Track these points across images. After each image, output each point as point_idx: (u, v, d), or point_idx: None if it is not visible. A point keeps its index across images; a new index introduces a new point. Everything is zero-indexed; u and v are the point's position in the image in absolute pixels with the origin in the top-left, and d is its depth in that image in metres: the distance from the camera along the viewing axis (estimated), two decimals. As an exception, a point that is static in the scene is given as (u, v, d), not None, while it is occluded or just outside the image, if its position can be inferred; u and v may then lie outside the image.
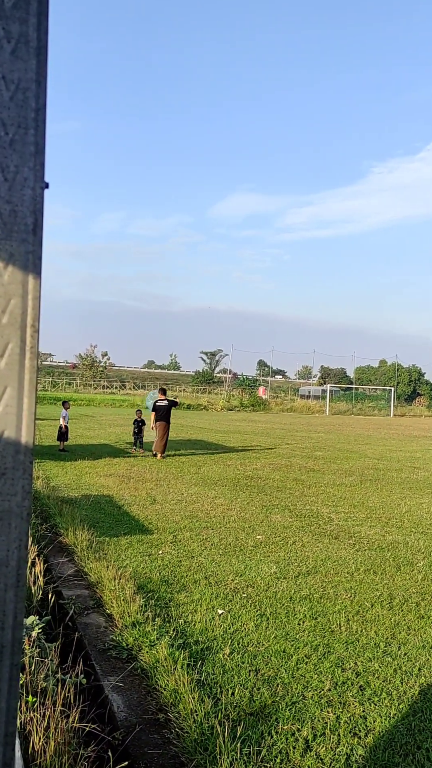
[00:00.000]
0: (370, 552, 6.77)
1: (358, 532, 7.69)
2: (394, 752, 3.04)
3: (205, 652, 4.02)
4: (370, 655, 4.11)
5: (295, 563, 6.17)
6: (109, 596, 4.80)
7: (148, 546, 6.54)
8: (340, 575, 5.85)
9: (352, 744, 3.09)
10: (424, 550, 6.99)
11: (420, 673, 3.89)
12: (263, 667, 3.85)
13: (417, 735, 3.20)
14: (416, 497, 10.61)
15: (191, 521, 7.81)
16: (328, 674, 3.81)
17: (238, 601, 5.00)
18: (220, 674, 3.73)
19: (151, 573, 5.62)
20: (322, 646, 4.20)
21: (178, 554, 6.28)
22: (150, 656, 3.84)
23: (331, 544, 7.02)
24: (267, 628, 4.46)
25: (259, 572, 5.80)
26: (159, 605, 4.79)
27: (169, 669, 3.64)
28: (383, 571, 6.04)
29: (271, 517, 8.36)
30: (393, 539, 7.42)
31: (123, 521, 7.64)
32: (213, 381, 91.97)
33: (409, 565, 6.33)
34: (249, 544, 6.81)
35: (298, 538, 7.24)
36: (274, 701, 3.45)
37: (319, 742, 3.09)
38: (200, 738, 3.03)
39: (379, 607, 5.03)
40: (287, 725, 3.22)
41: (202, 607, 4.81)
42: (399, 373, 79.17)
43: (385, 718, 3.34)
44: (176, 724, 3.17)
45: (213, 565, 5.95)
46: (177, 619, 4.54)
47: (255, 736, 3.09)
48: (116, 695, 3.50)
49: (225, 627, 4.44)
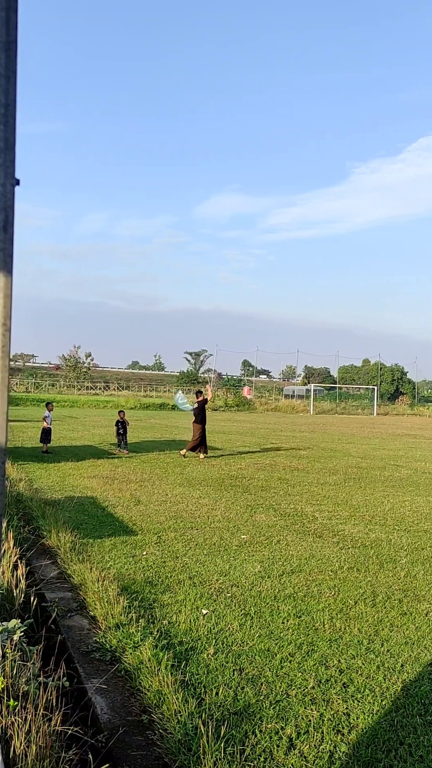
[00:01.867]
0: (353, 550, 6.81)
1: (341, 531, 7.73)
2: (377, 748, 3.06)
3: (190, 653, 4.02)
4: (354, 652, 4.13)
5: (279, 562, 6.19)
6: (93, 598, 4.77)
7: (132, 547, 6.52)
8: (324, 573, 5.87)
9: (335, 741, 3.10)
10: (407, 547, 7.04)
11: (402, 670, 3.92)
12: (247, 667, 3.86)
13: (399, 731, 3.22)
14: (399, 495, 10.69)
15: (176, 522, 7.79)
16: (312, 672, 3.82)
17: (222, 600, 5.00)
18: (204, 674, 3.73)
19: (135, 574, 5.60)
20: (306, 644, 4.21)
21: (162, 555, 6.26)
22: (134, 658, 3.82)
23: (315, 543, 7.05)
24: (251, 627, 4.46)
25: (243, 572, 5.81)
26: (143, 606, 4.77)
27: (153, 670, 3.63)
28: (366, 569, 6.08)
29: (255, 516, 8.37)
30: (376, 537, 7.46)
31: (107, 523, 7.60)
32: (197, 381, 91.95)
33: (392, 562, 6.37)
34: (233, 544, 6.82)
35: (283, 537, 7.26)
36: (258, 700, 3.45)
37: (303, 740, 3.10)
38: (184, 738, 3.02)
39: (362, 604, 5.06)
40: (271, 724, 3.22)
41: (186, 607, 4.80)
42: (382, 372, 79.72)
43: (368, 715, 3.36)
44: (160, 725, 3.16)
45: (197, 566, 5.94)
46: (161, 620, 4.53)
47: (239, 736, 3.09)
48: (99, 697, 3.48)
49: (209, 627, 4.44)
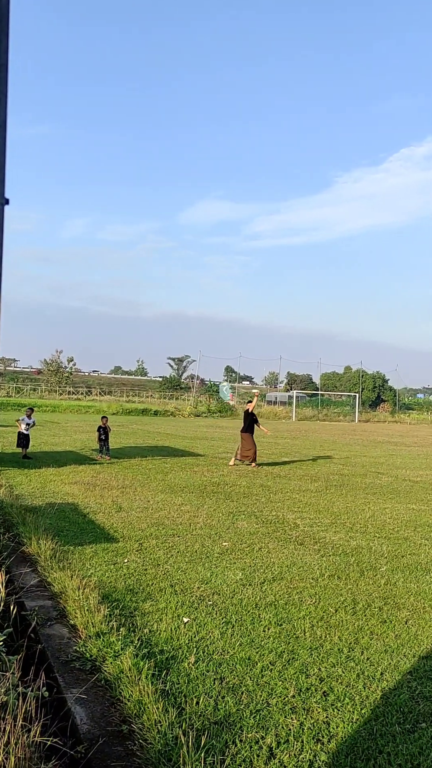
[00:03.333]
0: (334, 557, 6.85)
1: (323, 538, 7.77)
2: (356, 757, 3.07)
3: (170, 662, 4.01)
4: (334, 660, 4.15)
5: (260, 570, 6.20)
6: (73, 606, 4.74)
7: (114, 554, 6.49)
8: (305, 581, 5.89)
9: (315, 750, 3.11)
10: (387, 554, 7.09)
11: (382, 678, 3.94)
12: (228, 675, 3.85)
13: (378, 739, 3.24)
14: (380, 502, 10.77)
15: (157, 529, 7.77)
16: (293, 681, 3.83)
17: (203, 608, 4.99)
18: (184, 683, 3.72)
19: (116, 582, 5.57)
20: (287, 653, 4.22)
21: (143, 562, 6.24)
22: (114, 667, 3.80)
23: (296, 550, 7.07)
24: (232, 636, 4.46)
25: (225, 579, 5.81)
26: (124, 615, 4.75)
27: (134, 679, 3.61)
28: (347, 577, 6.11)
29: (237, 523, 8.38)
30: (357, 544, 7.51)
31: (88, 530, 7.56)
32: (180, 387, 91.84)
33: (373, 570, 6.42)
34: (215, 551, 6.82)
35: (264, 544, 7.28)
36: (238, 709, 3.45)
37: (283, 750, 3.10)
38: (164, 749, 3.01)
39: (342, 612, 5.09)
40: (251, 733, 3.22)
41: (167, 615, 4.79)
42: (363, 379, 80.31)
43: (347, 724, 3.37)
44: (140, 736, 3.15)
45: (179, 573, 5.93)
46: (142, 629, 4.51)
47: (219, 745, 3.09)
48: (79, 707, 3.46)
49: (190, 635, 4.43)
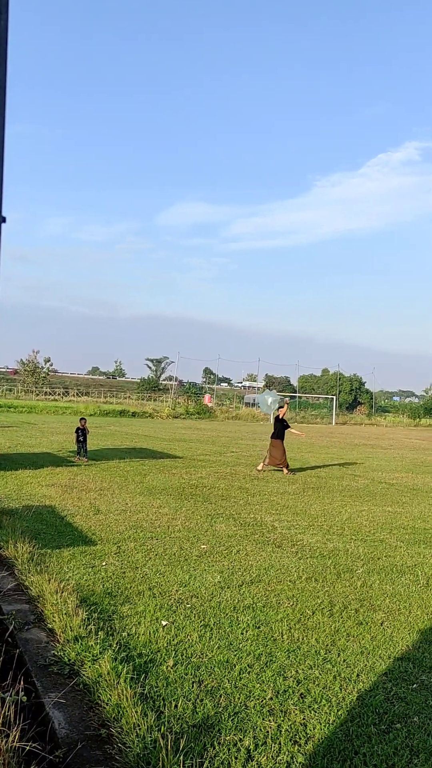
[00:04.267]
0: (311, 560, 6.91)
1: (300, 540, 7.83)
2: (332, 758, 3.12)
3: (149, 665, 4.02)
4: (311, 662, 4.20)
5: (239, 572, 6.23)
6: (51, 610, 4.72)
7: (92, 557, 6.47)
8: (282, 583, 5.94)
9: (292, 752, 3.15)
10: (363, 557, 7.18)
11: (358, 679, 4.00)
12: (206, 678, 3.88)
13: (355, 740, 3.29)
14: (356, 505, 10.89)
15: (135, 531, 7.77)
16: (270, 683, 3.87)
17: (182, 611, 5.01)
18: (163, 687, 3.74)
19: (94, 585, 5.56)
20: (265, 655, 4.26)
21: (122, 565, 6.24)
22: (92, 671, 3.80)
23: (274, 553, 7.12)
24: (211, 639, 4.49)
25: (203, 582, 5.83)
26: (102, 618, 4.74)
27: (112, 683, 3.62)
28: (324, 579, 6.18)
29: (215, 526, 8.40)
30: (334, 547, 7.59)
31: (66, 532, 7.52)
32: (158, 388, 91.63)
33: (349, 572, 6.49)
34: (193, 554, 6.83)
35: (242, 547, 7.32)
36: (216, 712, 3.48)
37: (261, 752, 3.13)
38: (143, 752, 3.02)
39: (320, 614, 5.14)
40: (229, 735, 3.25)
41: (146, 618, 4.79)
42: (341, 381, 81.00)
43: (324, 725, 3.42)
44: (119, 739, 3.16)
45: (157, 576, 5.94)
46: (120, 632, 4.51)
47: (198, 748, 3.11)
48: (57, 712, 3.45)
49: (169, 638, 4.44)
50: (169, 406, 54.82)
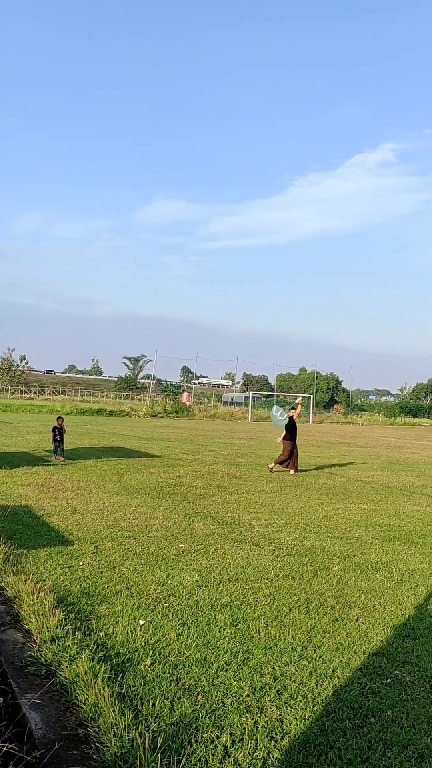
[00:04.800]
0: (288, 557, 6.97)
1: (277, 538, 7.89)
2: (308, 753, 3.16)
3: (127, 664, 4.02)
4: (288, 659, 4.25)
5: (216, 571, 6.26)
6: (27, 611, 4.69)
7: (69, 557, 6.44)
8: (260, 581, 5.98)
9: (269, 747, 3.19)
10: (339, 554, 7.26)
11: (333, 675, 4.06)
12: (184, 677, 3.90)
13: (330, 735, 3.34)
14: (333, 503, 10.99)
15: (113, 531, 7.75)
16: (247, 680, 3.90)
17: (159, 610, 5.02)
18: (141, 686, 3.75)
19: (71, 585, 5.54)
20: (242, 653, 4.30)
21: (99, 565, 6.22)
22: (69, 671, 3.79)
23: (251, 551, 7.17)
24: (188, 637, 4.51)
25: (181, 581, 5.84)
26: (79, 618, 4.73)
27: (90, 683, 3.62)
28: (301, 576, 6.24)
29: (193, 525, 8.42)
30: (311, 544, 7.66)
31: (42, 532, 7.47)
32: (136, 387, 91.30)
33: (326, 569, 6.56)
34: (171, 553, 6.84)
35: (220, 545, 7.35)
36: (194, 710, 3.50)
37: (238, 748, 3.17)
38: (120, 751, 3.03)
39: (296, 611, 5.20)
40: (207, 733, 3.28)
41: (123, 618, 4.80)
42: (318, 380, 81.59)
43: (300, 721, 3.47)
44: (96, 739, 3.16)
45: (135, 575, 5.94)
46: (98, 632, 4.51)
47: (175, 746, 3.13)
48: (34, 713, 3.44)
49: (146, 638, 4.45)
50: (146, 404, 54.63)
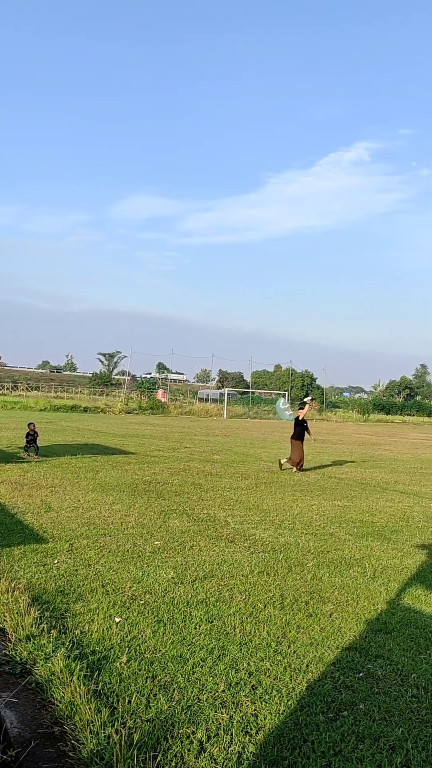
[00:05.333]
0: (263, 554, 7.03)
1: (253, 535, 7.95)
2: (282, 747, 3.22)
3: (102, 662, 4.03)
4: (262, 654, 4.30)
5: (192, 568, 6.29)
6: (2, 609, 4.67)
7: (43, 555, 6.41)
8: (235, 578, 6.03)
9: (244, 742, 3.23)
10: (314, 550, 7.35)
11: (307, 670, 4.12)
12: (160, 673, 3.92)
13: (303, 729, 3.40)
14: (307, 499, 11.10)
15: (88, 528, 7.73)
16: (223, 676, 3.94)
17: (135, 608, 5.04)
18: (117, 683, 3.76)
19: (46, 584, 5.52)
20: (217, 649, 4.34)
21: (74, 563, 6.20)
22: (45, 669, 3.79)
23: (227, 548, 7.21)
24: (164, 634, 4.53)
25: (156, 578, 5.86)
26: (54, 616, 4.72)
27: (65, 681, 3.62)
28: (276, 573, 6.30)
29: (169, 522, 8.44)
30: (285, 541, 7.74)
31: (16, 530, 7.42)
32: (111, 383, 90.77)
33: (300, 565, 6.64)
34: (147, 550, 6.85)
35: (196, 542, 7.38)
36: (170, 706, 3.53)
37: (213, 743, 3.20)
38: (96, 748, 3.05)
39: (271, 607, 5.25)
40: (182, 729, 3.31)
41: (99, 616, 4.80)
42: (293, 377, 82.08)
43: (275, 715, 3.52)
44: (72, 736, 3.17)
45: (110, 573, 5.94)
46: (73, 630, 4.50)
47: (151, 742, 3.15)
48: (9, 711, 3.44)
49: (122, 635, 4.47)
50: (121, 401, 54.37)
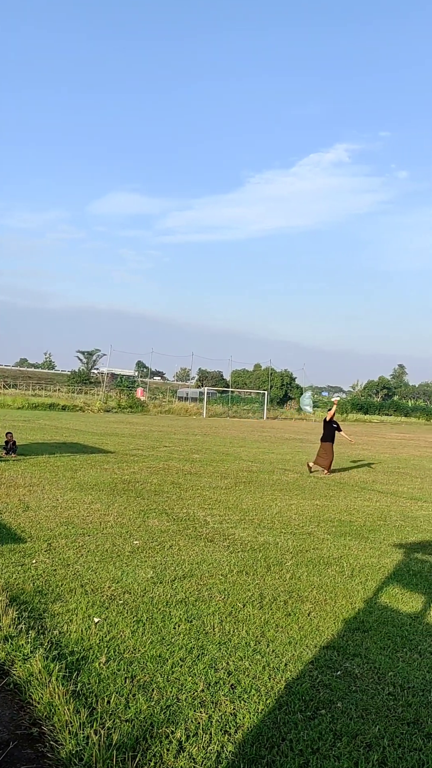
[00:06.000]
0: (243, 553, 7.06)
1: (232, 534, 7.97)
2: (261, 746, 3.24)
3: (81, 662, 4.02)
4: (241, 654, 4.32)
5: (171, 567, 6.29)
6: (-21, 610, 4.63)
7: (21, 555, 6.36)
8: (214, 577, 6.05)
9: (222, 741, 3.25)
10: (292, 549, 7.40)
11: (286, 668, 4.15)
12: (139, 673, 3.92)
13: (282, 728, 3.43)
14: (286, 498, 11.17)
15: (67, 528, 7.68)
16: (202, 675, 3.96)
17: (114, 608, 5.03)
18: (96, 683, 3.75)
19: (24, 584, 5.48)
20: (197, 649, 4.35)
21: (53, 563, 6.17)
22: (23, 670, 3.77)
23: (206, 547, 7.23)
24: (143, 634, 4.53)
25: (136, 578, 5.86)
26: (33, 617, 4.69)
27: (44, 682, 3.61)
28: (255, 572, 6.33)
29: (148, 521, 8.43)
30: (264, 540, 7.78)
31: (-6, 530, 7.35)
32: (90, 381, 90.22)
33: (279, 565, 6.68)
34: (126, 550, 6.84)
35: (175, 542, 7.38)
36: (149, 706, 3.54)
37: (192, 743, 3.22)
38: (75, 749, 3.04)
39: (250, 607, 5.28)
40: (161, 728, 3.32)
41: (77, 616, 4.78)
42: (272, 377, 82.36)
43: (253, 714, 3.54)
44: (51, 737, 3.16)
45: (89, 573, 5.91)
46: (52, 630, 4.48)
47: (130, 743, 3.15)
48: (-13, 713, 3.41)
49: (101, 635, 4.46)
50: (100, 399, 54.07)
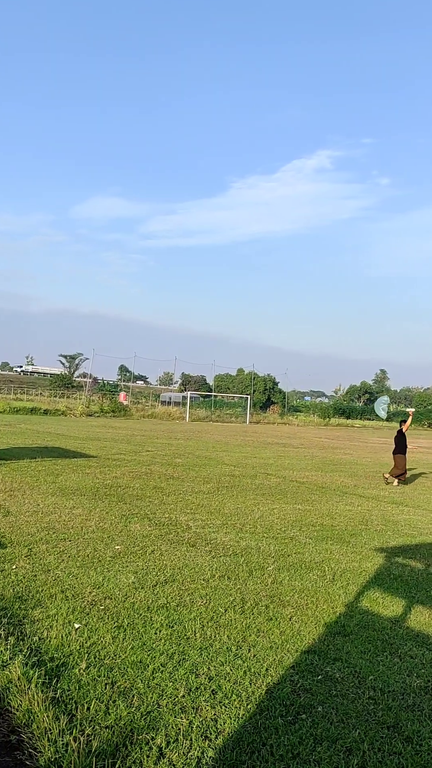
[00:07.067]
0: (225, 558, 7.06)
1: (214, 539, 7.97)
2: (241, 751, 3.24)
3: (61, 669, 3.99)
4: (223, 659, 4.32)
5: (153, 572, 6.27)
6: (-42, 617, 4.57)
7: (1, 561, 6.29)
8: (196, 582, 6.04)
9: (203, 747, 3.24)
10: (274, 554, 7.42)
11: (267, 673, 4.15)
12: (119, 679, 3.90)
13: (263, 733, 3.43)
14: (268, 503, 11.19)
15: (48, 533, 7.62)
16: (183, 681, 3.94)
17: (95, 614, 4.99)
18: (75, 690, 3.72)
19: (3, 590, 5.42)
20: (178, 654, 4.33)
21: (33, 568, 6.11)
22: (2, 677, 3.73)
23: (188, 552, 7.21)
24: (124, 640, 4.51)
25: (117, 583, 5.82)
26: (12, 623, 4.65)
27: (23, 689, 3.57)
28: (237, 577, 6.33)
29: (130, 526, 8.39)
30: (246, 545, 7.78)
31: (-27, 535, 7.26)
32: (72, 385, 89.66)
33: (261, 569, 6.69)
34: (107, 555, 6.80)
35: (157, 546, 7.35)
36: (129, 712, 3.51)
37: (172, 748, 3.20)
38: (54, 756, 3.02)
39: (232, 611, 5.28)
40: (142, 735, 3.30)
41: (58, 622, 4.74)
42: (255, 381, 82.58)
43: (234, 720, 3.54)
44: (29, 744, 3.13)
45: (70, 578, 5.87)
46: (31, 636, 4.44)
47: (110, 749, 3.13)
48: (-35, 721, 3.37)
49: (82, 641, 4.42)
50: (83, 403, 53.73)
